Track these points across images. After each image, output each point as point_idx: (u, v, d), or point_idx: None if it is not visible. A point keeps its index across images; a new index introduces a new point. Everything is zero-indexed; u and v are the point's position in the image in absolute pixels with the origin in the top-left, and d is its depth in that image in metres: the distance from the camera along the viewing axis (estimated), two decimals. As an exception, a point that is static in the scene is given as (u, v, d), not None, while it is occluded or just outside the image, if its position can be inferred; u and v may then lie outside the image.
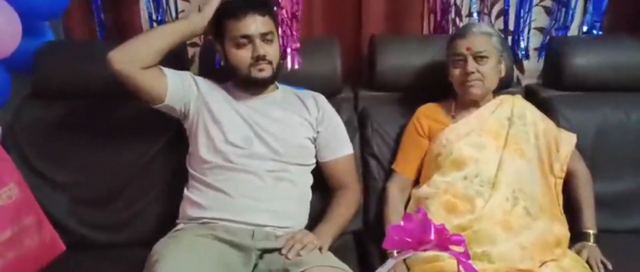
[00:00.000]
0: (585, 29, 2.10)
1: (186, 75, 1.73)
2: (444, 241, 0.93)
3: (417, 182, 1.81)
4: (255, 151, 1.66)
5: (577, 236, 1.69)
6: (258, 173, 1.64)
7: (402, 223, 0.96)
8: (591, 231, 1.69)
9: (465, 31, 1.74)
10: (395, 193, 1.78)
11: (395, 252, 1.41)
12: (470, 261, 0.95)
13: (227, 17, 1.65)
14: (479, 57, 1.70)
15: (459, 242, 0.95)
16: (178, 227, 1.66)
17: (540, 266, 1.53)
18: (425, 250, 0.94)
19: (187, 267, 1.38)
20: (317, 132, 1.77)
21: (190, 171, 1.71)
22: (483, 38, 1.71)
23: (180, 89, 1.68)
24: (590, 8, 2.07)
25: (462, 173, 1.69)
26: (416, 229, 0.93)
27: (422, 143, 1.79)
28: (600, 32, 2.09)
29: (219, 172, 1.64)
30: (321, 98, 1.82)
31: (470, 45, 1.70)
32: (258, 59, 1.64)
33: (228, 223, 1.58)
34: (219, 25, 1.68)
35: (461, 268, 0.96)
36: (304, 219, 1.71)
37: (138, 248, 1.68)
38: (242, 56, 1.65)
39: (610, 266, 1.58)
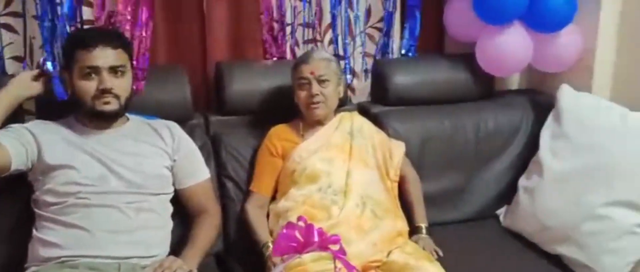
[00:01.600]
0: (403, 52, 2.41)
1: (22, 132, 1.63)
2: (324, 242, 1.04)
3: (273, 199, 1.91)
4: (112, 187, 1.62)
5: (412, 230, 1.94)
6: (117, 206, 1.60)
7: (285, 231, 1.05)
8: (423, 225, 1.95)
9: (308, 57, 1.90)
10: (256, 211, 1.86)
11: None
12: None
13: (77, 47, 1.61)
14: (321, 81, 1.87)
15: (336, 242, 1.07)
16: (29, 270, 1.54)
17: (388, 255, 1.73)
18: (308, 252, 1.04)
19: None
20: (174, 160, 1.78)
21: (39, 212, 1.61)
22: (324, 63, 1.89)
23: (22, 153, 1.59)
24: (406, 34, 2.39)
25: (317, 185, 1.84)
26: (301, 235, 1.03)
27: (276, 162, 1.91)
28: (415, 54, 2.41)
29: (74, 209, 1.57)
30: (175, 126, 1.83)
31: (314, 70, 1.86)
32: (103, 91, 1.62)
33: (91, 259, 1.52)
34: (69, 56, 1.62)
35: (338, 264, 1.08)
36: (167, 247, 1.71)
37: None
38: (87, 88, 1.62)
39: (441, 253, 1.84)
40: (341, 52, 2.35)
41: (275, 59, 2.21)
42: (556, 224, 1.89)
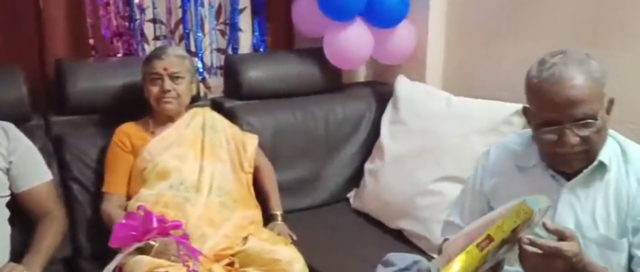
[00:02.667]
0: (254, 48, 2.47)
1: None
2: (165, 229, 1.07)
3: (129, 197, 1.88)
4: None
5: (268, 218, 2.01)
6: None
7: (123, 221, 1.06)
8: (278, 212, 2.03)
9: (162, 53, 1.89)
10: (117, 211, 1.81)
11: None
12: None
13: None
14: (174, 78, 1.87)
15: (177, 227, 1.10)
16: None
17: (244, 243, 1.79)
18: (149, 239, 1.06)
19: None
20: (10, 162, 1.68)
21: None
22: (178, 60, 1.89)
23: None
24: (256, 30, 2.45)
25: (168, 183, 1.84)
26: (139, 223, 1.04)
27: (128, 159, 1.87)
28: (266, 50, 2.49)
29: None
30: (11, 127, 1.73)
31: (167, 66, 1.86)
32: None
33: None
34: None
35: (182, 250, 1.11)
36: (7, 254, 1.61)
37: None
38: None
39: (294, 237, 1.94)
40: (193, 49, 2.36)
41: (120, 55, 2.16)
42: (396, 200, 2.07)
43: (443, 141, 2.02)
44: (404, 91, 2.29)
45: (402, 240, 2.04)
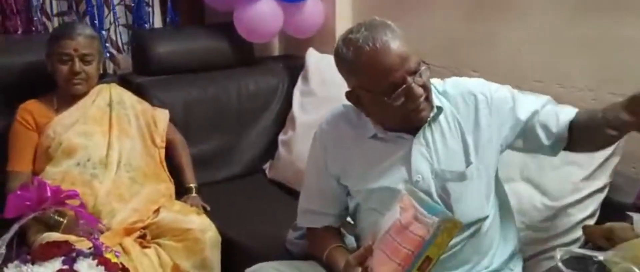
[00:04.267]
0: (166, 22, 2.46)
1: None
2: (60, 199, 1.09)
3: (36, 175, 1.85)
4: None
5: (183, 192, 2.04)
6: None
7: (18, 192, 1.07)
8: (192, 185, 2.06)
9: (72, 33, 1.85)
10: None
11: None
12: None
13: None
14: (85, 59, 1.85)
15: (74, 196, 1.12)
16: None
17: (155, 215, 1.82)
18: (44, 209, 1.07)
19: None
20: None
21: None
22: (88, 41, 1.86)
23: None
24: (168, 4, 2.44)
25: (75, 160, 1.83)
26: (33, 193, 1.06)
27: (33, 137, 1.84)
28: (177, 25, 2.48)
29: None
30: None
31: (78, 47, 1.83)
32: None
33: None
34: None
35: (81, 219, 1.13)
36: None
37: None
38: None
39: (208, 208, 1.99)
40: (98, 24, 2.32)
41: (20, 32, 2.10)
42: (307, 168, 2.15)
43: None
44: (314, 63, 2.36)
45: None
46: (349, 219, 1.59)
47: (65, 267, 1.05)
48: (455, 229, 1.13)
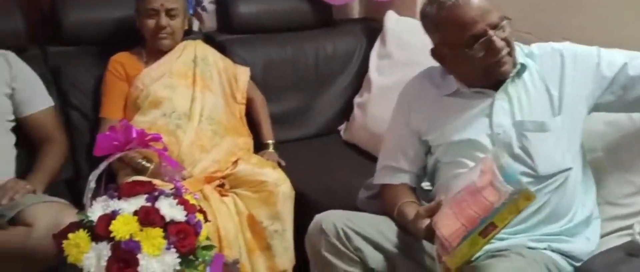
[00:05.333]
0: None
1: None
2: (144, 141, 1.17)
3: None
4: None
5: (260, 147, 2.12)
6: None
7: (108, 133, 1.16)
8: (270, 141, 2.13)
9: None
10: None
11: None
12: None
13: None
14: (171, 14, 1.94)
15: (157, 139, 1.20)
16: None
17: (233, 167, 1.90)
18: (130, 149, 1.16)
19: None
20: (13, 88, 1.78)
21: None
22: None
23: None
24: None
25: (161, 111, 1.94)
26: (120, 134, 1.14)
27: (123, 86, 1.97)
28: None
29: None
30: (11, 55, 1.82)
31: (164, 2, 1.92)
32: None
33: None
34: None
35: (163, 161, 1.21)
36: (12, 173, 1.73)
37: None
38: None
39: (283, 163, 2.04)
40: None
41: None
42: (382, 130, 2.12)
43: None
44: (392, 26, 2.34)
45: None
46: (424, 184, 1.61)
47: (147, 204, 1.13)
48: (527, 202, 1.12)
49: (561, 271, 1.34)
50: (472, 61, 1.35)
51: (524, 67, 1.42)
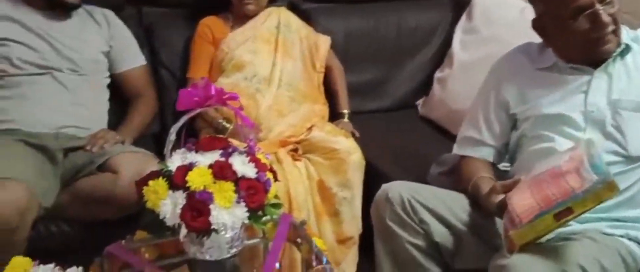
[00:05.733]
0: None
1: None
2: (222, 99, 1.22)
3: None
4: (52, 64, 1.76)
5: (336, 116, 2.14)
6: (58, 82, 1.76)
7: (190, 89, 1.22)
8: (345, 111, 2.15)
9: None
10: None
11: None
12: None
13: None
14: None
15: (235, 98, 1.25)
16: None
17: (307, 133, 1.94)
18: (209, 105, 1.22)
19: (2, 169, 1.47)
20: (110, 46, 1.91)
21: None
22: None
23: None
24: None
25: (243, 74, 2.01)
26: (201, 91, 1.20)
27: (210, 49, 2.05)
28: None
29: (16, 81, 1.72)
30: (110, 14, 1.95)
31: None
32: None
33: (28, 127, 1.68)
34: None
35: (239, 120, 1.27)
36: (104, 124, 1.87)
37: None
38: None
39: (357, 134, 2.06)
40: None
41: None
42: (461, 107, 2.10)
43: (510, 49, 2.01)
44: (481, 0, 2.26)
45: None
46: (501, 165, 1.58)
47: (222, 159, 1.19)
48: (609, 193, 1.09)
49: (637, 261, 1.27)
50: (575, 34, 1.31)
51: (628, 48, 1.37)
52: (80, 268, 1.20)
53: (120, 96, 1.97)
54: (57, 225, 1.63)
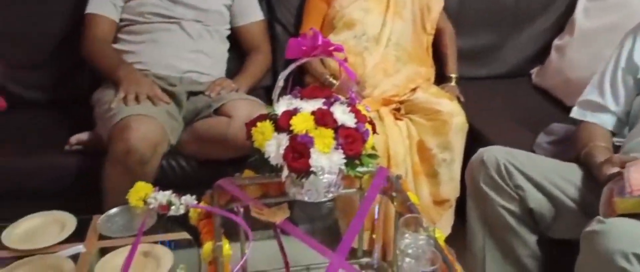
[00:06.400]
0: None
1: None
2: (328, 49, 1.28)
3: None
4: (179, 14, 1.91)
5: (443, 80, 2.13)
6: (183, 30, 1.91)
7: (299, 39, 1.29)
8: (453, 75, 2.14)
9: None
10: None
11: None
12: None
13: None
14: None
15: (340, 50, 1.30)
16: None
17: (411, 93, 1.96)
18: (315, 55, 1.28)
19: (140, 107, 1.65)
20: (232, 0, 2.04)
21: (118, 31, 1.94)
22: None
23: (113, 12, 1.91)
24: None
25: (353, 33, 2.05)
26: (308, 40, 1.27)
27: (323, 7, 2.11)
28: None
29: (147, 28, 1.89)
30: None
31: None
32: None
33: (157, 70, 1.86)
34: None
35: (343, 71, 1.32)
36: (222, 72, 2.02)
37: (75, 104, 1.96)
38: None
39: (462, 99, 2.04)
40: None
41: None
42: (578, 76, 2.01)
43: (637, 18, 1.87)
44: (610, -36, 2.11)
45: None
46: (616, 140, 1.52)
47: (324, 107, 1.25)
48: None
49: None
50: None
51: None
52: (194, 196, 1.34)
53: (238, 48, 2.11)
54: (176, 161, 1.80)
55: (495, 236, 1.47)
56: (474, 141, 1.88)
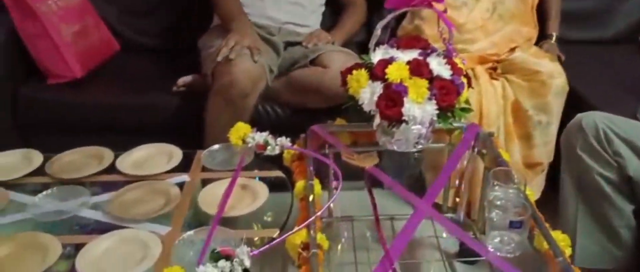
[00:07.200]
0: None
1: None
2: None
3: None
4: None
5: (543, 38, 2.05)
6: None
7: (399, -10, 1.30)
8: (554, 34, 2.05)
9: None
10: None
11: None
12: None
13: None
14: None
15: (440, 1, 1.30)
16: (215, 22, 2.01)
17: (510, 53, 1.91)
18: (415, 5, 1.29)
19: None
20: None
21: None
22: None
23: None
24: None
25: None
26: None
27: None
28: None
29: None
30: None
31: None
32: None
33: (258, 20, 1.94)
34: None
35: (441, 22, 1.32)
36: (318, 25, 2.07)
37: (183, 51, 2.08)
38: None
39: (563, 58, 1.96)
40: None
41: None
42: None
43: None
44: None
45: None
46: None
47: (420, 57, 1.26)
48: None
49: None
50: None
51: None
52: (288, 139, 1.42)
53: (335, 2, 2.14)
54: (272, 108, 1.89)
55: (589, 204, 1.43)
56: (572, 106, 1.80)
